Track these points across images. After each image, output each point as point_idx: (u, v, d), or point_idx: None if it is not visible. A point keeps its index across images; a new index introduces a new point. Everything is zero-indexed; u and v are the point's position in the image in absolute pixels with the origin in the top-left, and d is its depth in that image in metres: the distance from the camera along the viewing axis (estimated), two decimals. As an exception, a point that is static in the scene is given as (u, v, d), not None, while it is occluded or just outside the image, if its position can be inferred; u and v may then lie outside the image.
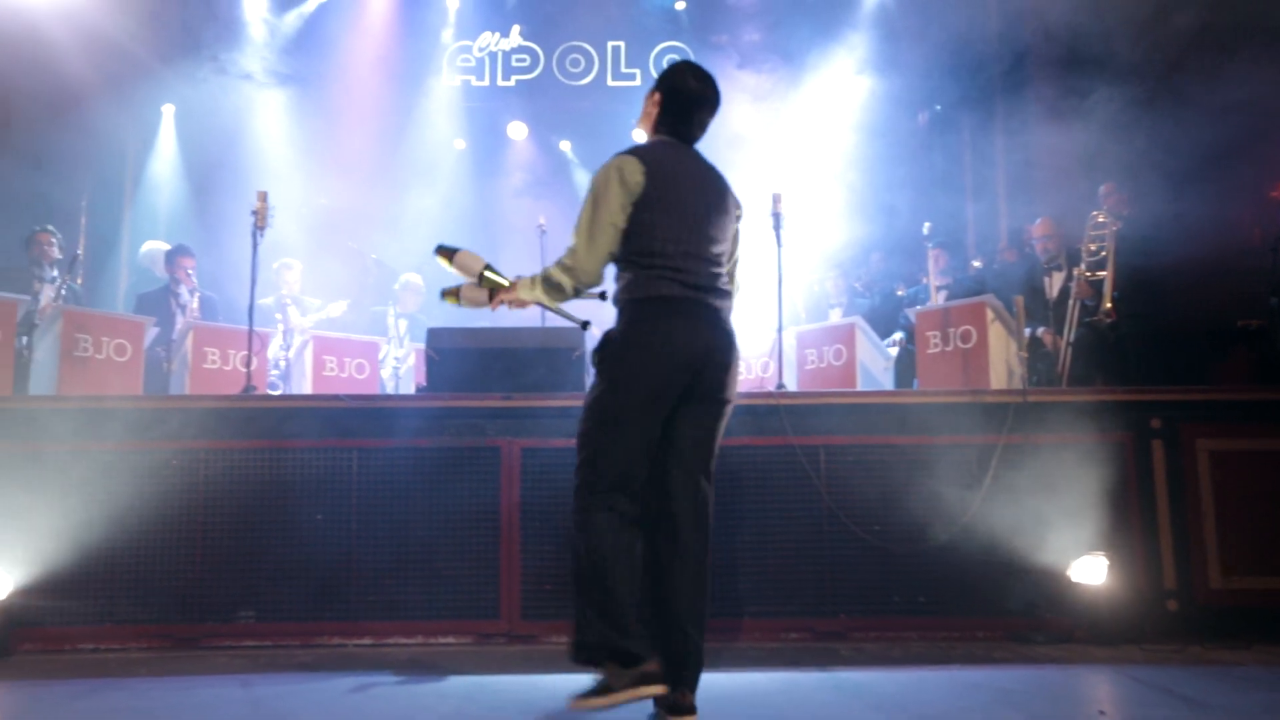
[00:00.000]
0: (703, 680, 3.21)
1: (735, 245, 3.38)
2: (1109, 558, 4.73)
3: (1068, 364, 6.22)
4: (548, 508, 4.89)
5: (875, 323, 7.63)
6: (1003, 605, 4.84)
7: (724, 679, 3.93)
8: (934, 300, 7.48)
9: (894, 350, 7.00)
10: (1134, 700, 3.64)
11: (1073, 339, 6.28)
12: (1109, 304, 6.20)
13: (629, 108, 11.33)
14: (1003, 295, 6.63)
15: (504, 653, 4.64)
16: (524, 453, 4.96)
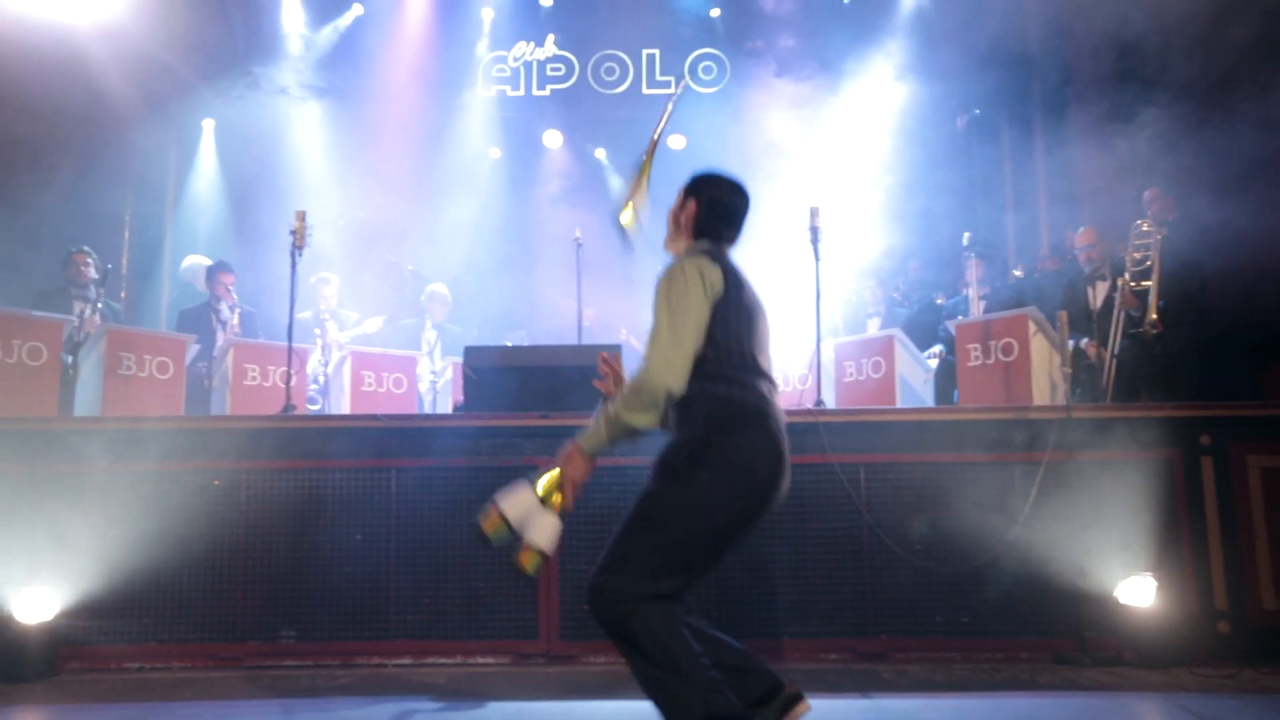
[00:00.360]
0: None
1: None
2: (1157, 578, 4.63)
3: (1112, 377, 6.11)
4: (586, 527, 4.87)
5: (914, 332, 7.55)
6: (1048, 626, 4.76)
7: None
8: (974, 310, 7.38)
9: (933, 362, 6.90)
10: (1186, 731, 3.56)
11: (1117, 351, 6.16)
12: (1154, 315, 6.07)
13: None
14: (1044, 305, 6.54)
15: (543, 674, 4.63)
16: (561, 472, 4.94)
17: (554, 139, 11.65)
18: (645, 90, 11.16)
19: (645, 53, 11.18)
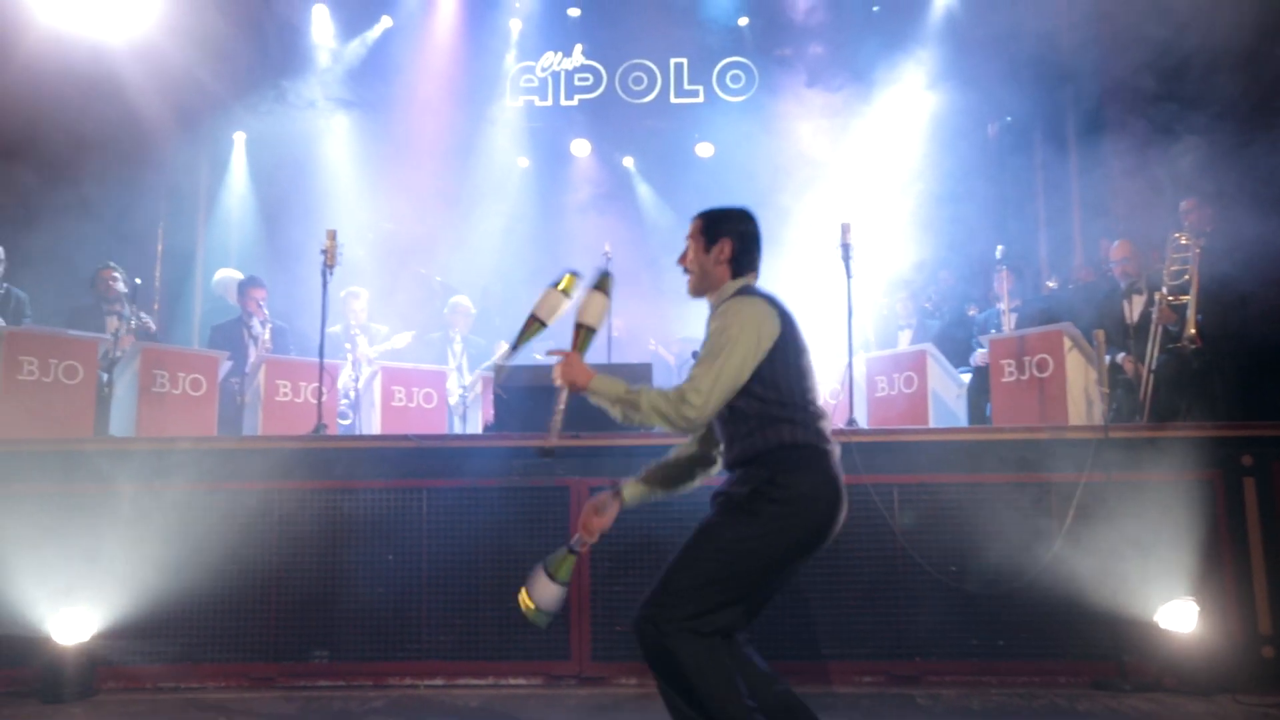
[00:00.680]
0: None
1: None
2: (1199, 602, 4.55)
3: (1149, 393, 6.01)
4: (618, 549, 4.86)
5: (946, 345, 7.47)
6: (1086, 650, 4.70)
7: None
8: (1005, 323, 7.29)
9: (967, 377, 6.82)
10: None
11: (1155, 367, 6.06)
12: (1193, 330, 5.97)
13: (692, 124, 11.29)
14: (1079, 319, 6.46)
15: (575, 696, 4.61)
16: (593, 492, 4.91)
17: (582, 148, 11.65)
18: (673, 99, 11.14)
19: (673, 62, 11.15)
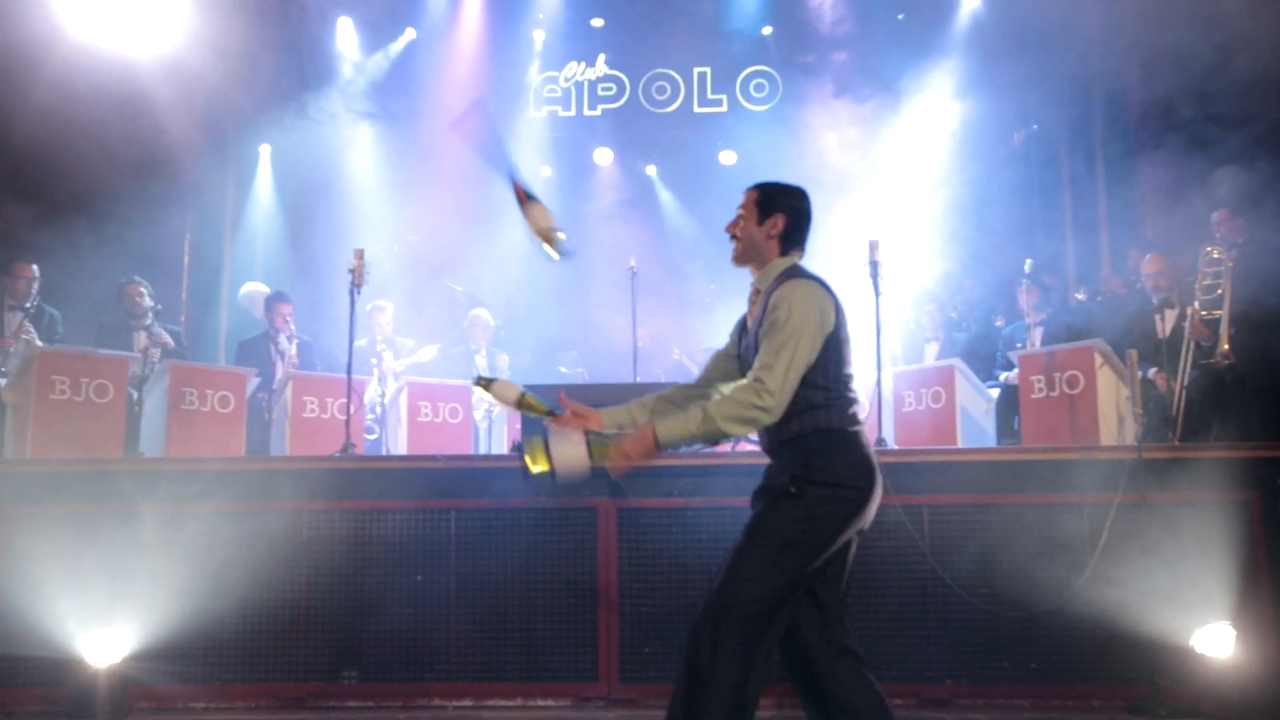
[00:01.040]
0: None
1: None
2: (1236, 627, 4.48)
3: (1182, 409, 5.94)
4: (646, 569, 4.85)
5: (973, 357, 7.42)
6: (1120, 674, 4.64)
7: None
8: (1030, 337, 7.22)
9: (995, 392, 6.76)
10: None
11: (1187, 382, 5.99)
12: (1226, 345, 5.90)
13: (716, 134, 11.26)
14: (1108, 331, 6.40)
15: (603, 718, 4.60)
16: (621, 513, 4.93)
17: (605, 156, 11.65)
18: (697, 109, 11.13)
19: (696, 71, 11.14)
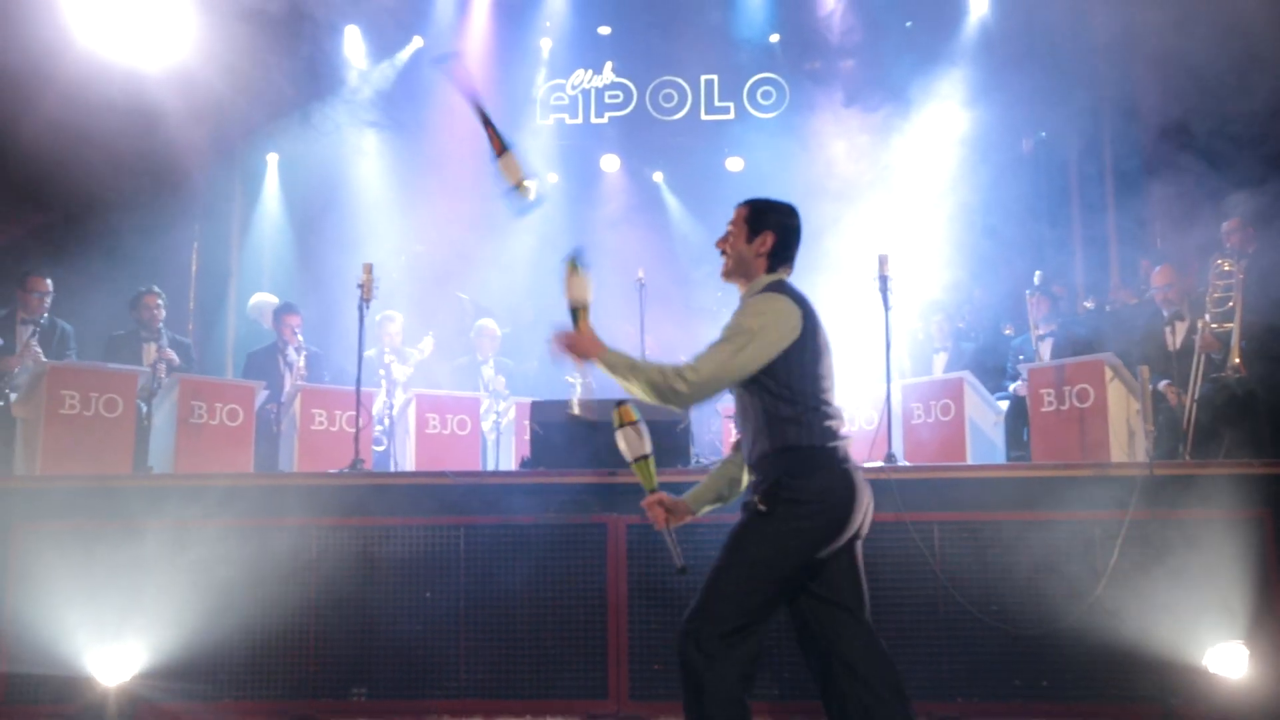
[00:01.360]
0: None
1: None
2: (1249, 646, 4.46)
3: (1192, 423, 5.90)
4: (655, 586, 4.84)
5: (982, 365, 7.40)
6: (1132, 693, 4.62)
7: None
8: (1036, 350, 7.19)
9: (1004, 404, 6.73)
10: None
11: (1198, 396, 5.96)
12: (1237, 359, 5.88)
13: (723, 141, 11.24)
14: (1118, 342, 6.38)
15: (613, 737, 4.60)
16: (630, 530, 4.91)
17: (611, 163, 11.64)
18: (704, 116, 11.10)
19: (704, 78, 11.11)
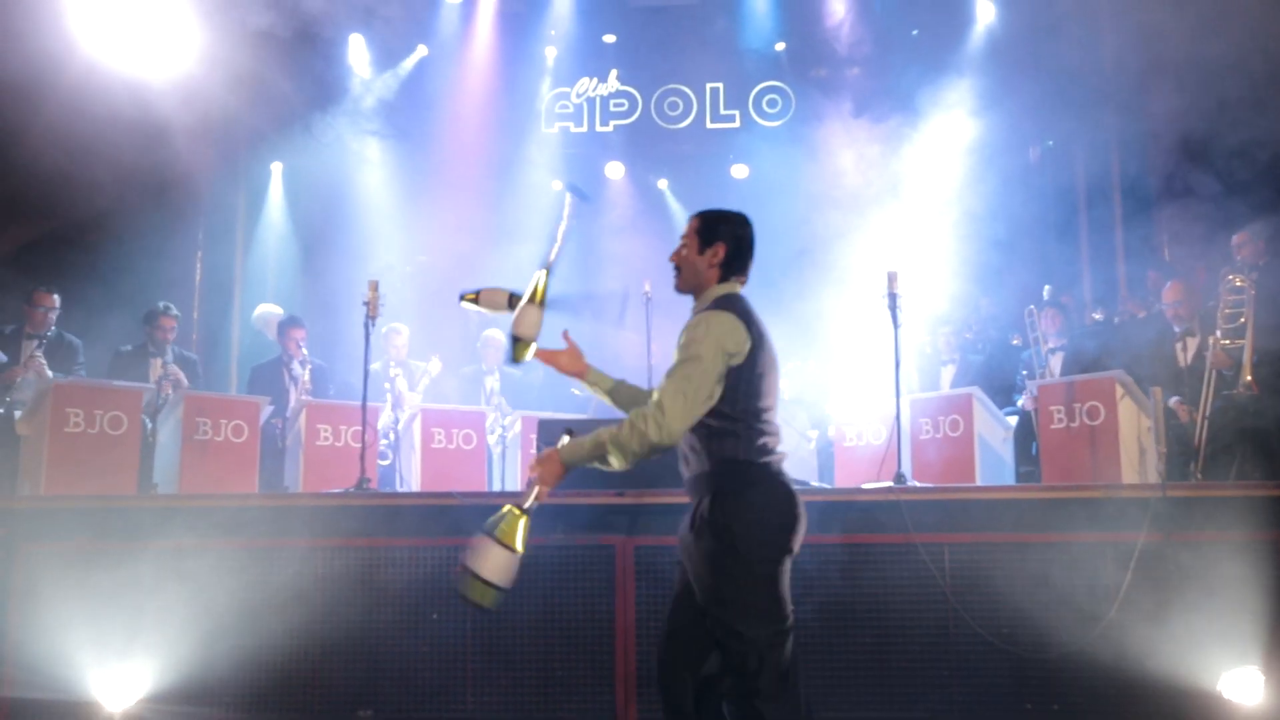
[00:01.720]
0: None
1: None
2: (1264, 672, 4.42)
3: (1204, 441, 5.86)
4: (663, 609, 4.77)
5: (990, 378, 7.36)
6: (1145, 719, 4.57)
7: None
8: (1046, 363, 7.14)
9: (1013, 419, 6.69)
10: None
11: (1209, 413, 5.92)
12: (1248, 376, 5.83)
13: (728, 149, 11.22)
14: (1128, 356, 6.33)
15: (621, 762, 4.56)
16: (638, 551, 4.88)
17: (616, 170, 11.62)
18: (709, 125, 11.08)
19: (709, 86, 11.09)
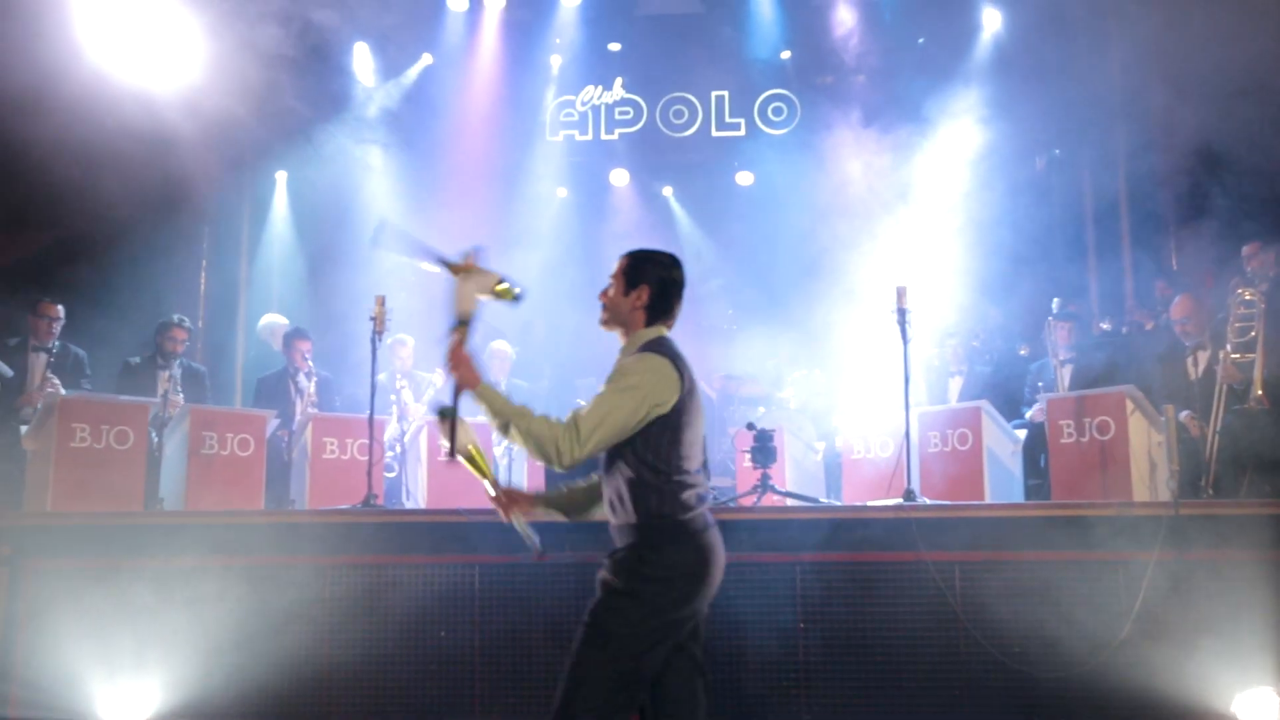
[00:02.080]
0: None
1: None
2: None
3: (1215, 456, 5.82)
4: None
5: (998, 389, 7.33)
6: (1158, 739, 4.55)
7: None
8: (1057, 375, 7.11)
9: (1022, 433, 6.66)
10: None
11: (1220, 428, 5.88)
12: (1260, 390, 5.79)
13: (733, 157, 11.20)
14: (1137, 368, 6.30)
15: (630, 782, 4.52)
16: (646, 568, 4.84)
17: (620, 177, 11.61)
18: (714, 133, 11.05)
19: (714, 95, 11.06)
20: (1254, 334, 5.94)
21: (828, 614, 4.74)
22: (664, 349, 3.06)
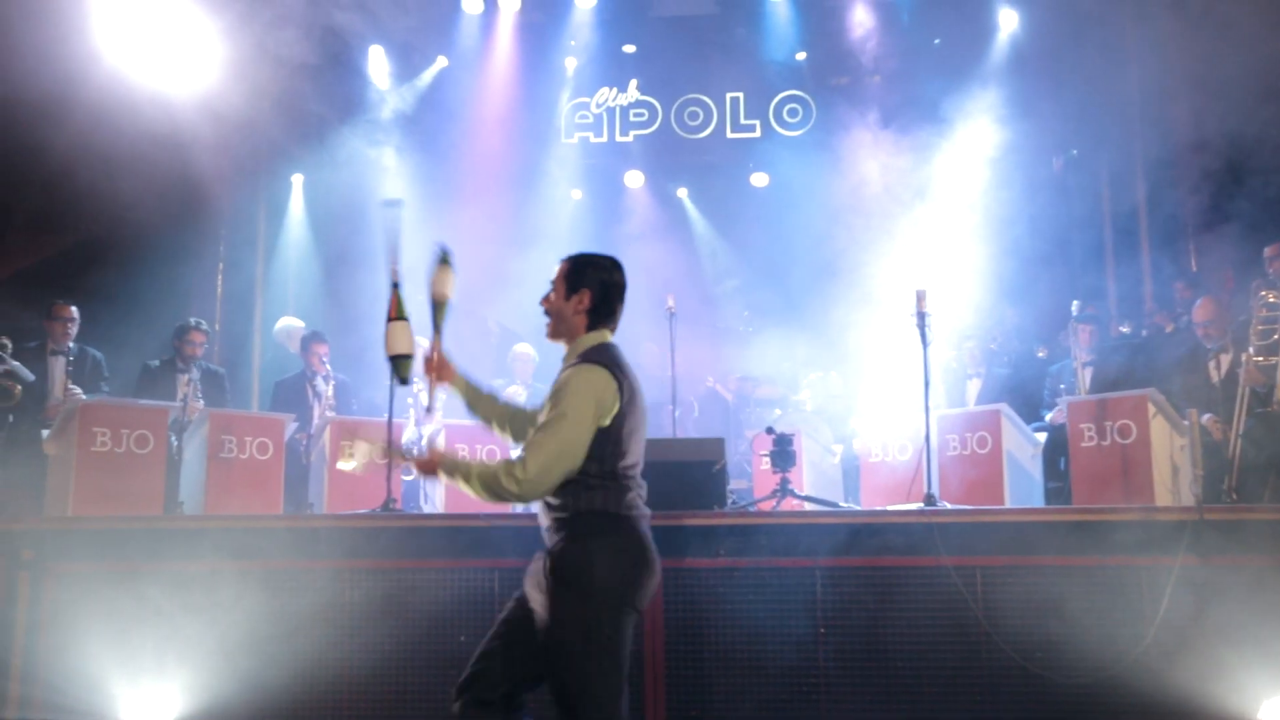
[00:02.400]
0: None
1: None
2: (1305, 700, 4.35)
3: (1238, 459, 5.78)
4: (692, 632, 4.76)
5: (1016, 392, 7.29)
6: (1183, 746, 4.51)
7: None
8: (1079, 377, 7.07)
9: (1042, 436, 6.62)
10: None
11: (1243, 431, 5.84)
12: (1282, 393, 5.76)
13: (748, 158, 11.19)
14: (1157, 371, 6.25)
15: (651, 788, 4.52)
16: (667, 574, 4.80)
17: (635, 179, 11.60)
18: (729, 134, 11.05)
19: (729, 96, 11.06)
20: (1277, 337, 5.90)
21: (847, 619, 4.71)
22: (603, 357, 3.08)
